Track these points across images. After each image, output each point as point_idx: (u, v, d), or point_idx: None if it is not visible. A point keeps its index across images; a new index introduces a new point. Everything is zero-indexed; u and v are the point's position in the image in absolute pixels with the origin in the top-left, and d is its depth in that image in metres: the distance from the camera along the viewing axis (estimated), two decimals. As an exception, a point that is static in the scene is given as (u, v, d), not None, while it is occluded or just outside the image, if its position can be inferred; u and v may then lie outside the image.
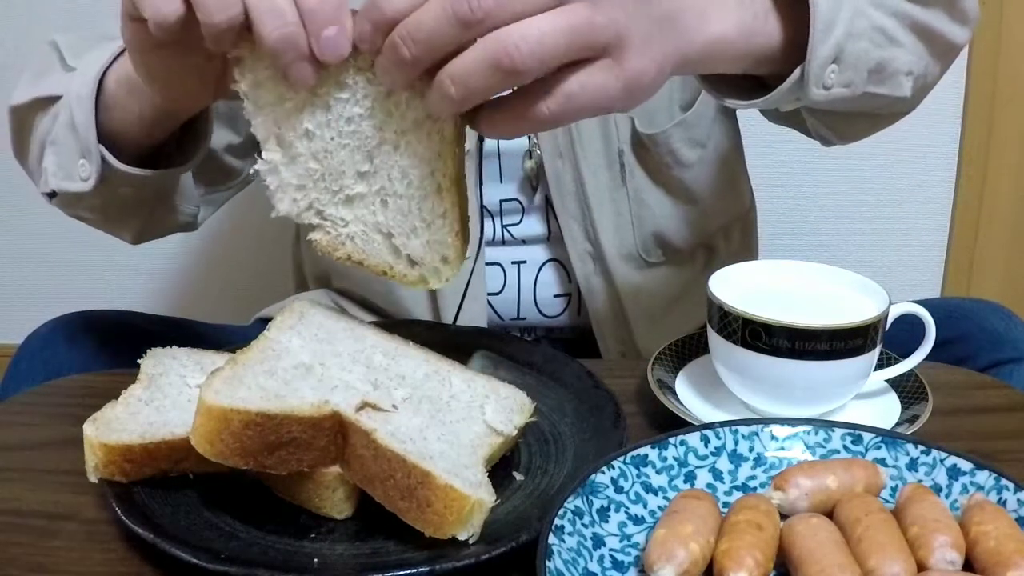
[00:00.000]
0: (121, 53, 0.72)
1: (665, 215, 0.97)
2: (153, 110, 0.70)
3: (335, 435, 0.59)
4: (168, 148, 0.78)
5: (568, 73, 0.54)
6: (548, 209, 0.96)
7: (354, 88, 0.59)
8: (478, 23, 0.52)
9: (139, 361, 0.68)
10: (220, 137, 0.94)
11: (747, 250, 1.09)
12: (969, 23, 0.84)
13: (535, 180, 0.95)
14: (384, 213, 0.62)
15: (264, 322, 1.01)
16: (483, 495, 0.56)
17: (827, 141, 0.87)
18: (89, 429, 0.60)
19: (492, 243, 0.97)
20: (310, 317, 0.68)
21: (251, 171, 0.97)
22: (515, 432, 0.64)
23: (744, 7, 0.65)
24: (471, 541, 0.55)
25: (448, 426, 0.62)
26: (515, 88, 0.55)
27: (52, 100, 0.76)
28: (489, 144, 0.93)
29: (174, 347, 0.69)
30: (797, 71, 0.68)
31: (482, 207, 0.94)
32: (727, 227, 1.04)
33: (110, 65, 0.72)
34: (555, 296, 0.99)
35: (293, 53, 0.55)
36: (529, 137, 0.93)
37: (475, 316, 0.95)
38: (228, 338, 0.92)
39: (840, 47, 0.68)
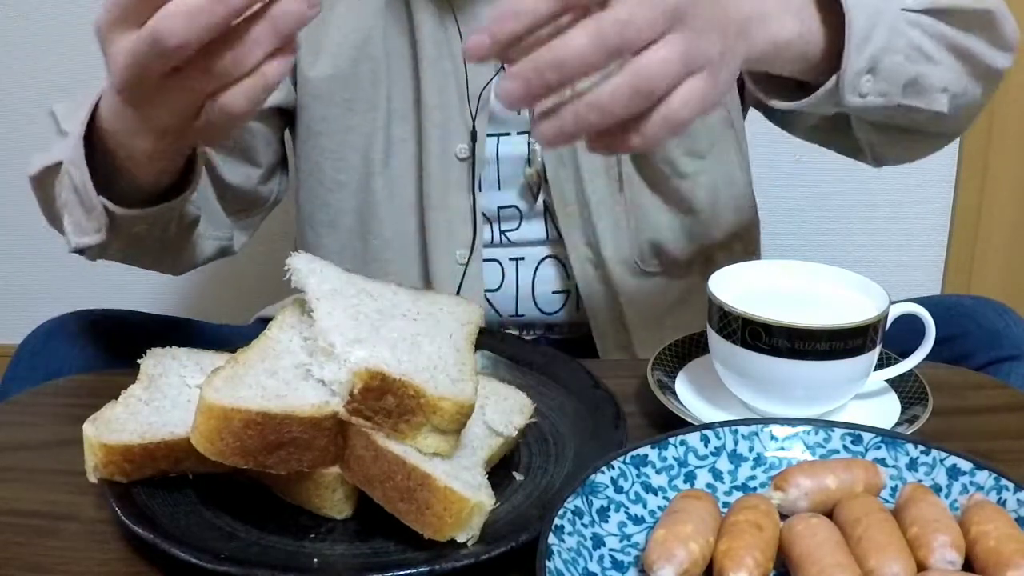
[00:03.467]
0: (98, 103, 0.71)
1: (662, 225, 0.96)
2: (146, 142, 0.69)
3: (335, 435, 0.59)
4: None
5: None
6: (547, 214, 0.96)
7: None
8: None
9: (139, 361, 0.68)
10: (238, 172, 0.95)
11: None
12: (1011, 49, 0.87)
13: (536, 187, 0.94)
14: None
15: (264, 322, 1.00)
16: (483, 497, 0.56)
17: (879, 159, 0.92)
18: (89, 429, 0.60)
19: (490, 245, 0.97)
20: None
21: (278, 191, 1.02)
22: (515, 433, 0.64)
23: (800, 18, 0.72)
24: (470, 543, 0.55)
25: (448, 426, 0.62)
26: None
27: (58, 166, 0.78)
28: (488, 150, 0.93)
29: (174, 347, 0.69)
30: (833, 78, 0.74)
31: (480, 213, 0.94)
32: (728, 242, 1.02)
33: (92, 116, 0.72)
34: (553, 293, 0.98)
35: None
36: (529, 143, 0.93)
37: None
38: (228, 338, 0.92)
39: (875, 59, 0.75)
